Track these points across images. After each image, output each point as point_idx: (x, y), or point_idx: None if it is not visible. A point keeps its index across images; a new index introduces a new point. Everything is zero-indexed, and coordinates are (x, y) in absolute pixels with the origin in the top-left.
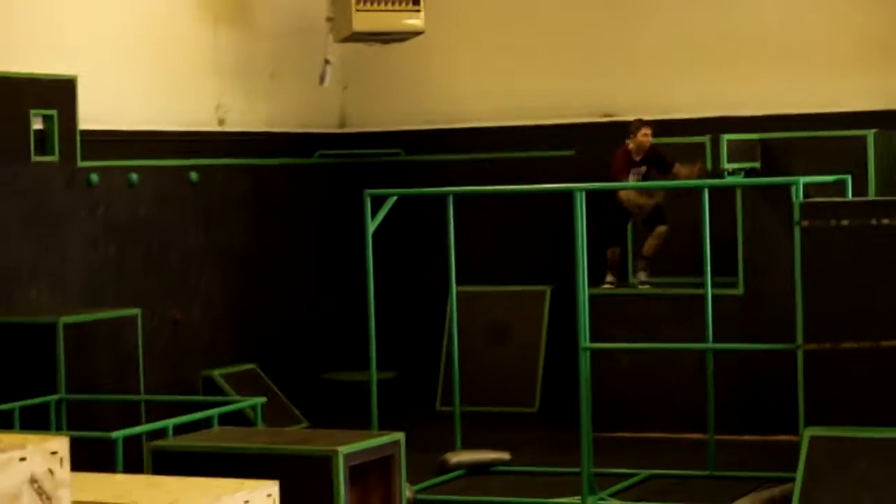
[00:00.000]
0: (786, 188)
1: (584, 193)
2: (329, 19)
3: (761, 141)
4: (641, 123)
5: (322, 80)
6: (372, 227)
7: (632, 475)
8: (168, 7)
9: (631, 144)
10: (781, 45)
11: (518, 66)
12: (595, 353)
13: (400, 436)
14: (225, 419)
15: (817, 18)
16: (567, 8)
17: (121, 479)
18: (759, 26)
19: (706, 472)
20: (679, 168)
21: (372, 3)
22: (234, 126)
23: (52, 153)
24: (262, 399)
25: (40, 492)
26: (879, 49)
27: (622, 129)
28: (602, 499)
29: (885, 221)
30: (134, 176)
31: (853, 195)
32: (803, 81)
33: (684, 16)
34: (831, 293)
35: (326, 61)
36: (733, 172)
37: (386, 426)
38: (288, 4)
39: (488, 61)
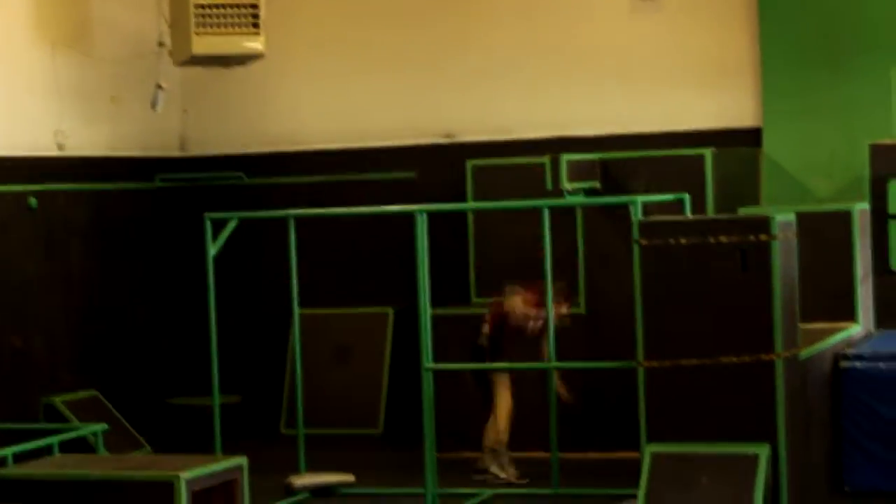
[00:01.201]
0: (625, 207)
1: (425, 215)
2: (161, 44)
3: (601, 160)
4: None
5: (154, 105)
6: (213, 250)
7: (475, 495)
8: (4, 31)
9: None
10: (620, 65)
11: (358, 89)
12: (438, 374)
13: (242, 460)
14: (66, 446)
15: (656, 38)
16: (406, 30)
17: None
18: (599, 46)
19: (550, 490)
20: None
21: (211, 27)
22: (73, 151)
23: None
24: (104, 425)
25: None
26: (716, 68)
27: (463, 150)
28: None
29: (723, 239)
30: None
31: (692, 213)
32: (642, 101)
33: (523, 36)
34: (671, 311)
35: (159, 86)
36: (573, 192)
37: (230, 450)
38: (126, 29)
39: (329, 84)
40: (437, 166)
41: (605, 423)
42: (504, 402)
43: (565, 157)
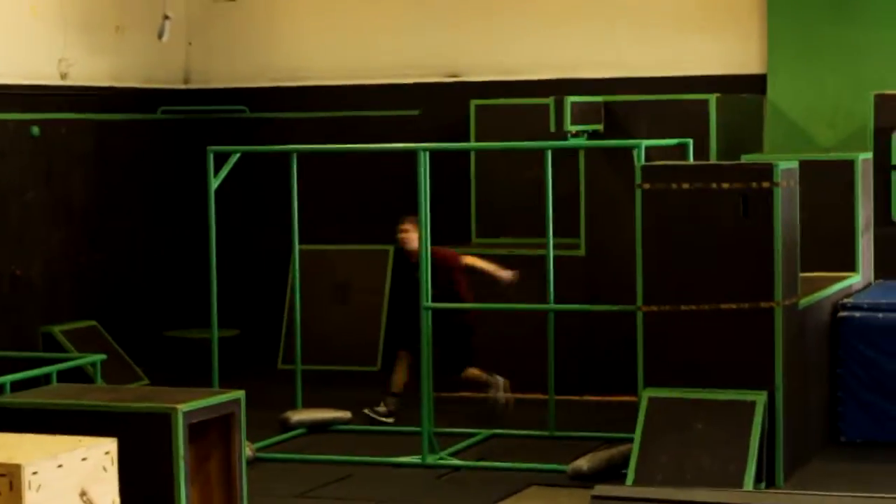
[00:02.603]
0: (629, 151)
1: (427, 153)
2: None
3: (605, 103)
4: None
5: (160, 35)
6: (215, 184)
7: (472, 435)
8: None
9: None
10: (626, 7)
11: (364, 25)
12: (436, 313)
13: (240, 394)
14: (64, 376)
15: None
16: None
17: None
18: None
19: (547, 432)
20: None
21: None
22: (76, 80)
23: None
24: (102, 356)
25: None
26: (724, 13)
27: (467, 90)
28: (442, 458)
29: (725, 185)
30: None
31: (694, 159)
32: (648, 44)
33: None
34: (671, 256)
35: (166, 17)
36: (577, 134)
37: (227, 384)
38: None
39: (334, 20)
40: (440, 105)
41: (602, 367)
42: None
43: (569, 99)
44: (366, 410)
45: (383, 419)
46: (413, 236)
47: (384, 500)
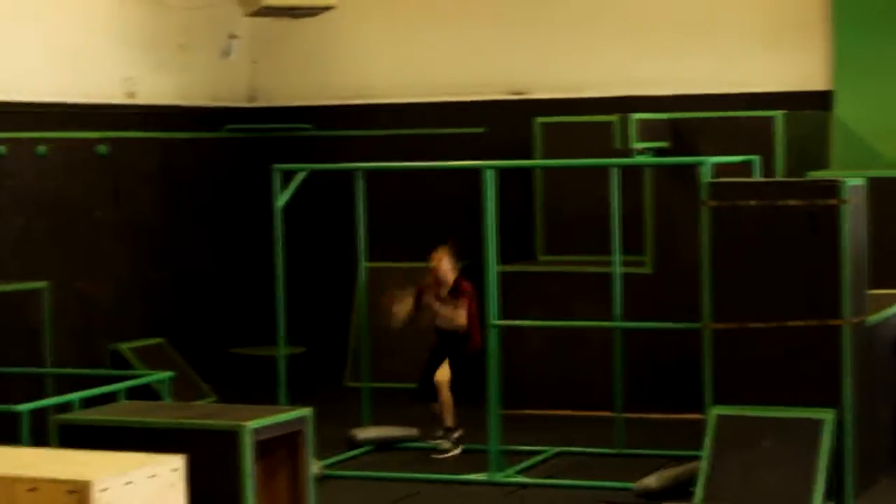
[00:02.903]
0: (694, 168)
1: (493, 171)
2: None
3: (671, 120)
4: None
5: (227, 54)
6: (281, 201)
7: (539, 452)
8: None
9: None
10: (693, 25)
11: (429, 43)
12: (504, 331)
13: (308, 411)
14: (132, 393)
15: None
16: None
17: (27, 452)
18: (672, 5)
19: (614, 450)
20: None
21: None
22: (143, 99)
23: None
24: (170, 373)
25: None
26: (790, 30)
27: (532, 107)
28: (509, 475)
29: (792, 202)
30: (42, 148)
31: (761, 176)
32: (714, 61)
33: None
34: (738, 273)
35: (232, 36)
36: (642, 152)
37: (294, 401)
38: None
39: (399, 37)
40: (505, 122)
41: (669, 384)
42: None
43: (635, 117)
44: (434, 456)
45: (453, 453)
46: (445, 266)
47: None
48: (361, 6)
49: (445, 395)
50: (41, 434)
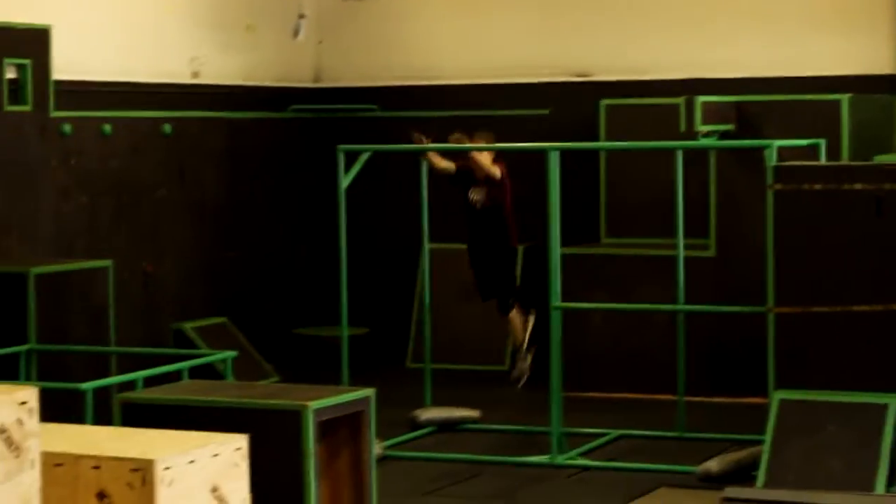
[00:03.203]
0: (759, 151)
1: (558, 153)
2: None
3: (736, 103)
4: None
5: (295, 34)
6: (345, 182)
7: (601, 435)
8: None
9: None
10: (760, 7)
11: (494, 24)
12: (566, 313)
13: (370, 392)
14: (195, 372)
15: None
16: None
17: (90, 430)
18: None
19: (676, 433)
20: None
21: None
22: (208, 79)
23: (26, 103)
24: (233, 353)
25: (9, 442)
26: (857, 13)
27: (597, 89)
28: (571, 458)
29: (857, 186)
30: (107, 127)
31: (826, 159)
32: (780, 44)
33: None
34: (803, 257)
35: (301, 15)
36: (707, 134)
37: (356, 382)
38: None
39: (465, 18)
40: (570, 104)
41: (732, 368)
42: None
43: (700, 99)
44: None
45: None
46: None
47: (512, 500)
48: None
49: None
50: (105, 412)
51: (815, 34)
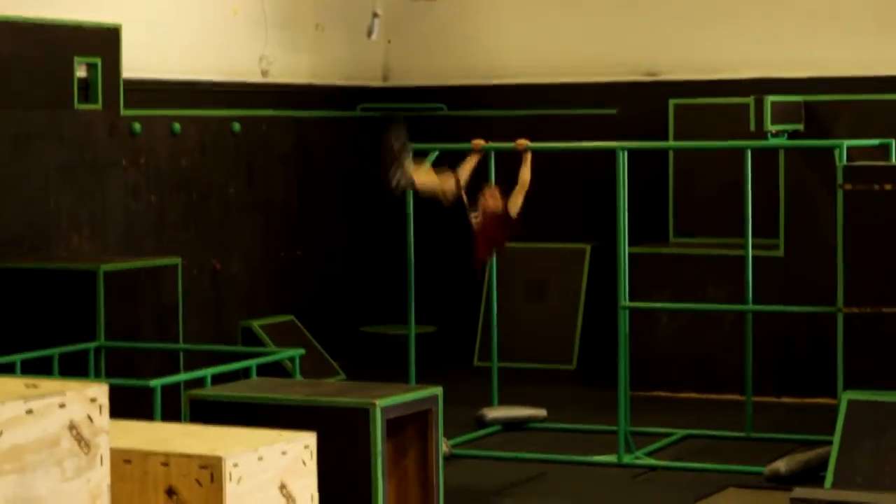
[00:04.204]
0: (829, 151)
1: (626, 152)
2: None
3: (805, 103)
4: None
5: (370, 34)
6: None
7: (668, 434)
8: None
9: None
10: (829, 6)
11: (562, 24)
12: (634, 312)
13: (438, 390)
14: (263, 370)
15: None
16: None
17: (158, 427)
18: None
19: (743, 434)
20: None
21: None
22: (277, 78)
23: (96, 101)
24: (301, 351)
25: (79, 438)
26: None
27: (665, 88)
28: (638, 457)
29: None
30: (177, 125)
31: None
32: (849, 43)
33: None
34: (873, 257)
35: (375, 14)
36: (777, 134)
37: (423, 380)
38: None
39: (533, 17)
40: (638, 104)
41: (800, 368)
42: None
43: (769, 99)
44: None
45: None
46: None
47: (579, 499)
48: None
49: None
50: (173, 409)
51: (884, 33)
